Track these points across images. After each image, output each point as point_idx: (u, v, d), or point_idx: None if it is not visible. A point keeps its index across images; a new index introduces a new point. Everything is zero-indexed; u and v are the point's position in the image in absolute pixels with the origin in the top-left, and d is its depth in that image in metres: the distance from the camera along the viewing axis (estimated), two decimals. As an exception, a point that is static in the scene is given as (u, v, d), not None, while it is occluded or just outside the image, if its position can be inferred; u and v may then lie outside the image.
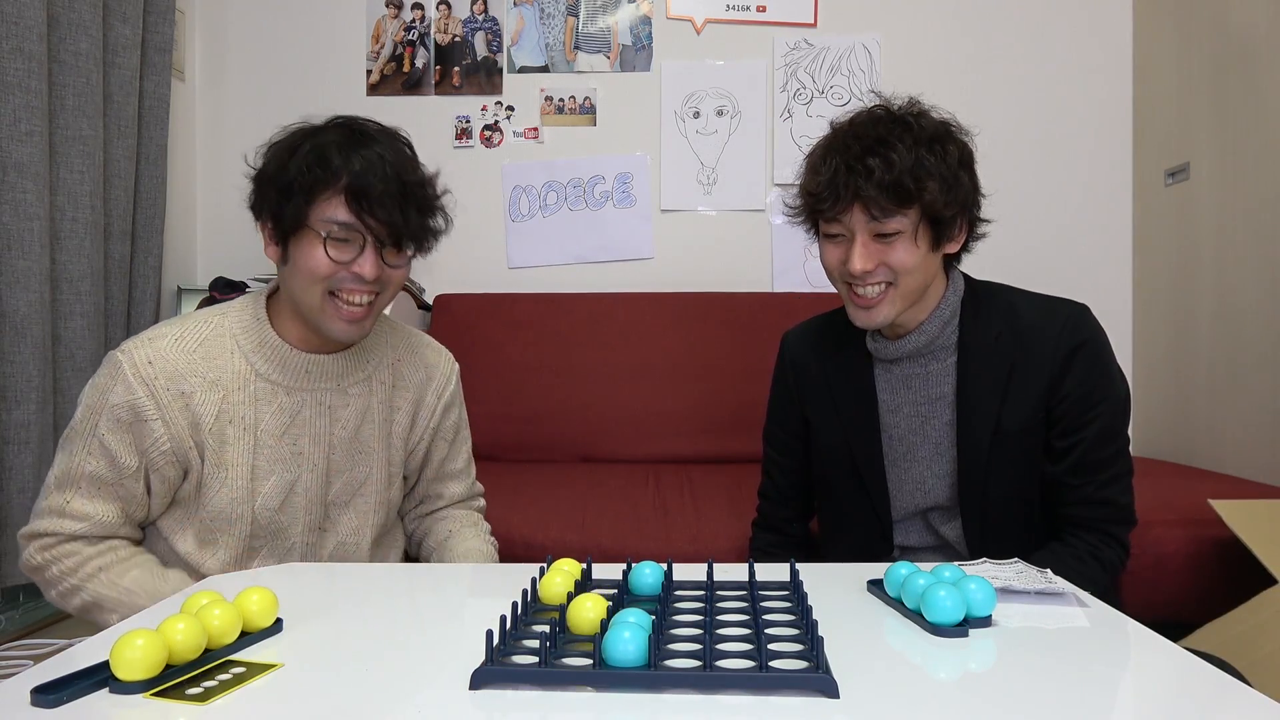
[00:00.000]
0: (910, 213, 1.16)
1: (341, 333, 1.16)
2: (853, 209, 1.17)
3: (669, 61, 2.79)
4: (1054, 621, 0.88)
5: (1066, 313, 1.24)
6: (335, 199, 1.11)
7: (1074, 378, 1.21)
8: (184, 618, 0.74)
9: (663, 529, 1.82)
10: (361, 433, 1.26)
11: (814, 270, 2.76)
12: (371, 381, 1.28)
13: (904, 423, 1.30)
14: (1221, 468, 2.24)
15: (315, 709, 0.67)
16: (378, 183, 1.10)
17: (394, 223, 1.12)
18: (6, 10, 1.86)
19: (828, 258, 1.25)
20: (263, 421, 1.19)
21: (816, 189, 1.19)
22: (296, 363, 1.20)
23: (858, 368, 1.33)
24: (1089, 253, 2.73)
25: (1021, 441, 1.24)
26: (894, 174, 1.13)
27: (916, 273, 1.19)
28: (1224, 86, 2.26)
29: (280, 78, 2.84)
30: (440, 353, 1.39)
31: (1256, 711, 0.66)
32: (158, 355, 1.14)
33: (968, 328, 1.26)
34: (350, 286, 1.14)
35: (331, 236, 1.11)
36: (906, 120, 1.18)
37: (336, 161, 1.10)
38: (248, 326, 1.20)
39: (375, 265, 1.13)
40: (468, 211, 2.85)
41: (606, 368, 2.53)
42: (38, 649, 1.92)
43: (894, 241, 1.17)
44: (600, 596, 0.82)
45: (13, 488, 1.90)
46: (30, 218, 1.91)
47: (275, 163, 1.14)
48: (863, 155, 1.15)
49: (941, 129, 1.20)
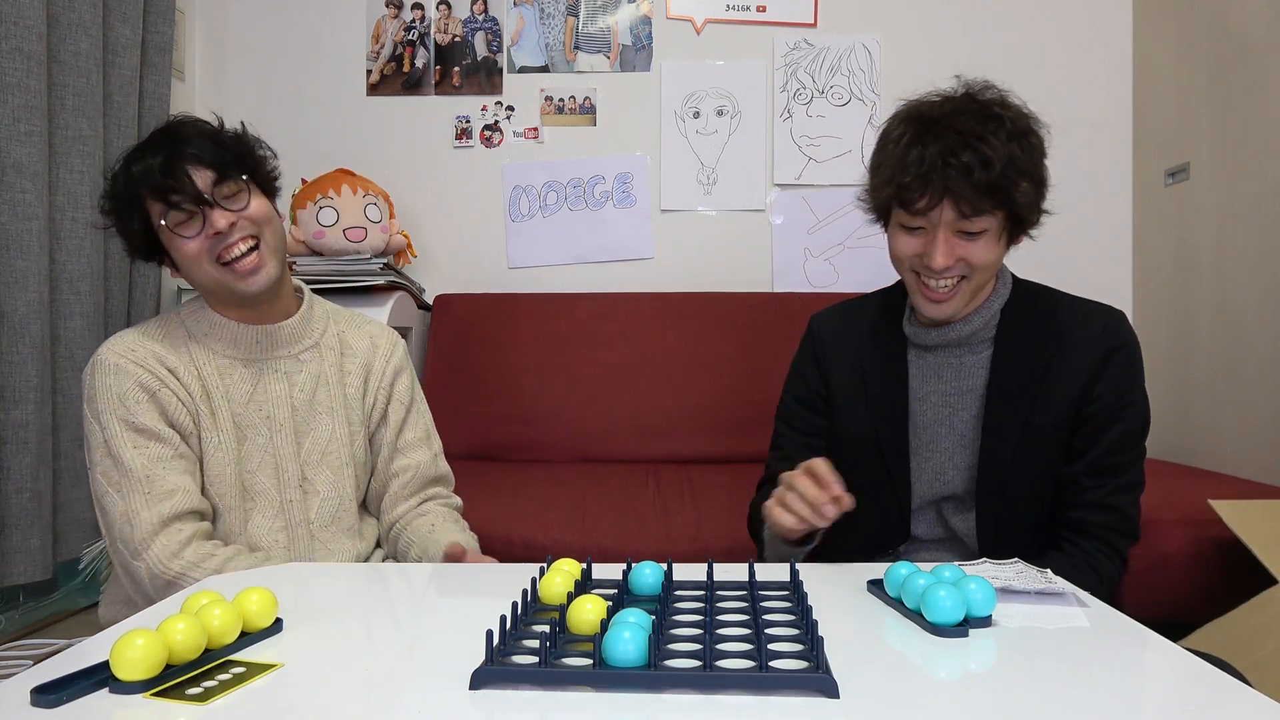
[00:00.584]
0: (999, 213, 1.15)
1: (249, 285, 1.23)
2: (942, 204, 1.13)
3: (669, 61, 2.79)
4: (1054, 622, 0.88)
5: (1105, 316, 1.25)
6: (147, 199, 1.21)
7: (1108, 380, 1.21)
8: (184, 618, 0.74)
9: (663, 529, 1.82)
10: (318, 395, 1.34)
11: (814, 270, 2.76)
12: (320, 348, 1.36)
13: (930, 411, 1.29)
14: (1221, 468, 2.24)
15: (315, 709, 0.67)
16: (153, 159, 1.19)
17: (188, 179, 1.19)
18: (6, 10, 1.86)
19: (902, 247, 1.21)
20: (231, 391, 1.28)
21: (906, 179, 1.14)
22: (246, 336, 1.30)
23: (892, 352, 1.32)
24: (1089, 253, 2.73)
25: (1047, 439, 1.23)
26: (991, 173, 1.10)
27: (991, 268, 1.20)
28: (1224, 86, 2.26)
29: (280, 78, 2.84)
30: (382, 328, 1.47)
31: (1256, 711, 0.66)
32: (133, 345, 1.24)
33: (1008, 323, 1.26)
34: (225, 247, 1.22)
35: (172, 222, 1.21)
36: (995, 113, 1.15)
37: (138, 164, 1.20)
38: (196, 315, 1.30)
39: (222, 215, 1.21)
40: (468, 211, 2.86)
41: (606, 368, 2.53)
42: (38, 649, 1.92)
43: (977, 239, 1.15)
44: (599, 597, 0.82)
45: (11, 488, 1.90)
46: (29, 218, 1.91)
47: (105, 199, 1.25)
48: (957, 149, 1.11)
49: (1026, 120, 1.17)
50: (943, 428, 1.29)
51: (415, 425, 1.44)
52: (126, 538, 1.17)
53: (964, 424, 1.28)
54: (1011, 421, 1.24)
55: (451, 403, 2.42)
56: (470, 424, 2.47)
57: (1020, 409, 1.23)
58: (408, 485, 1.41)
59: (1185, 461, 2.40)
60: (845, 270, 2.74)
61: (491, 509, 1.50)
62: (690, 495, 2.01)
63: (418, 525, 1.38)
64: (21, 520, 1.91)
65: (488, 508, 1.47)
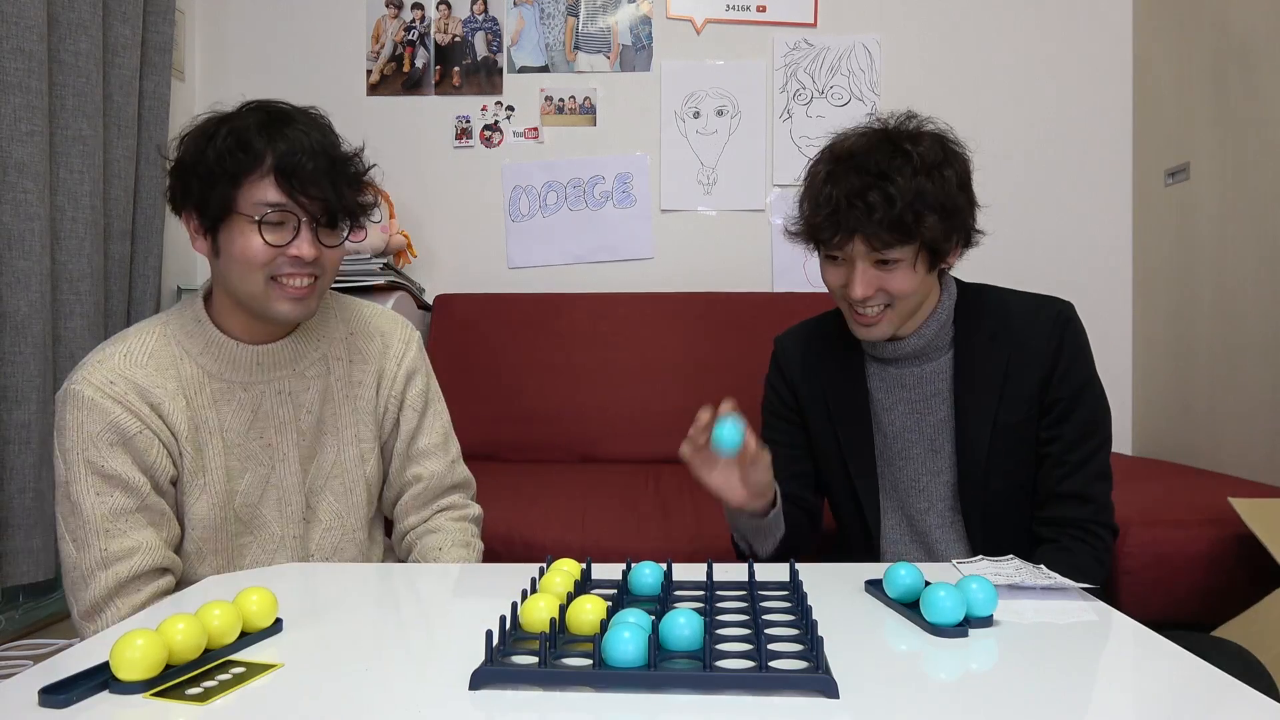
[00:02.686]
0: (910, 245, 1.18)
1: (289, 311, 1.14)
2: (853, 239, 1.18)
3: (669, 61, 2.79)
4: (1063, 617, 0.88)
5: (1053, 304, 1.29)
6: (263, 181, 1.09)
7: (1063, 366, 1.25)
8: (184, 618, 0.74)
9: (663, 529, 1.82)
10: (325, 414, 1.25)
11: (814, 270, 2.75)
12: (327, 360, 1.26)
13: (899, 420, 1.32)
14: (1221, 468, 2.24)
15: (315, 709, 0.67)
16: (305, 160, 1.09)
17: (326, 199, 1.11)
18: (6, 10, 1.86)
19: (829, 278, 1.27)
20: (226, 421, 1.17)
21: (818, 220, 1.20)
22: (246, 357, 1.18)
23: (851, 366, 1.35)
24: (1089, 253, 2.73)
25: (1018, 434, 1.26)
26: (895, 211, 1.14)
27: (914, 294, 1.22)
28: (1224, 86, 2.26)
29: (280, 78, 2.84)
30: (394, 320, 1.36)
31: (1256, 712, 0.66)
32: (116, 374, 1.11)
33: (962, 328, 1.29)
34: (289, 271, 1.12)
35: (265, 220, 1.09)
36: (905, 149, 1.18)
37: (259, 143, 1.08)
38: (190, 330, 1.17)
39: (313, 244, 1.12)
40: (468, 211, 2.86)
41: (606, 368, 2.53)
42: (38, 649, 1.92)
43: (894, 269, 1.19)
44: (599, 598, 0.82)
45: (13, 488, 1.90)
46: (30, 218, 1.91)
47: (193, 152, 1.12)
48: (863, 191, 1.15)
49: (938, 154, 1.19)
50: (913, 435, 1.31)
51: (430, 430, 1.35)
52: (80, 596, 1.08)
53: (933, 429, 1.30)
54: (981, 421, 1.27)
55: (451, 403, 2.39)
56: (470, 424, 2.46)
57: (988, 407, 1.26)
58: (420, 495, 1.33)
59: (1185, 461, 2.39)
60: (845, 270, 2.74)
61: (491, 509, 1.50)
62: (690, 495, 2.01)
63: (426, 544, 1.31)
64: (23, 520, 1.91)
65: (488, 508, 1.46)
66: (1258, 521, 1.54)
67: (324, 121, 1.18)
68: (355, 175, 1.16)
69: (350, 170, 1.16)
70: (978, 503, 1.28)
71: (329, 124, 1.18)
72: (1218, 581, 1.61)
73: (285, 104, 1.17)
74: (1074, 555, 1.22)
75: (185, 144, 1.14)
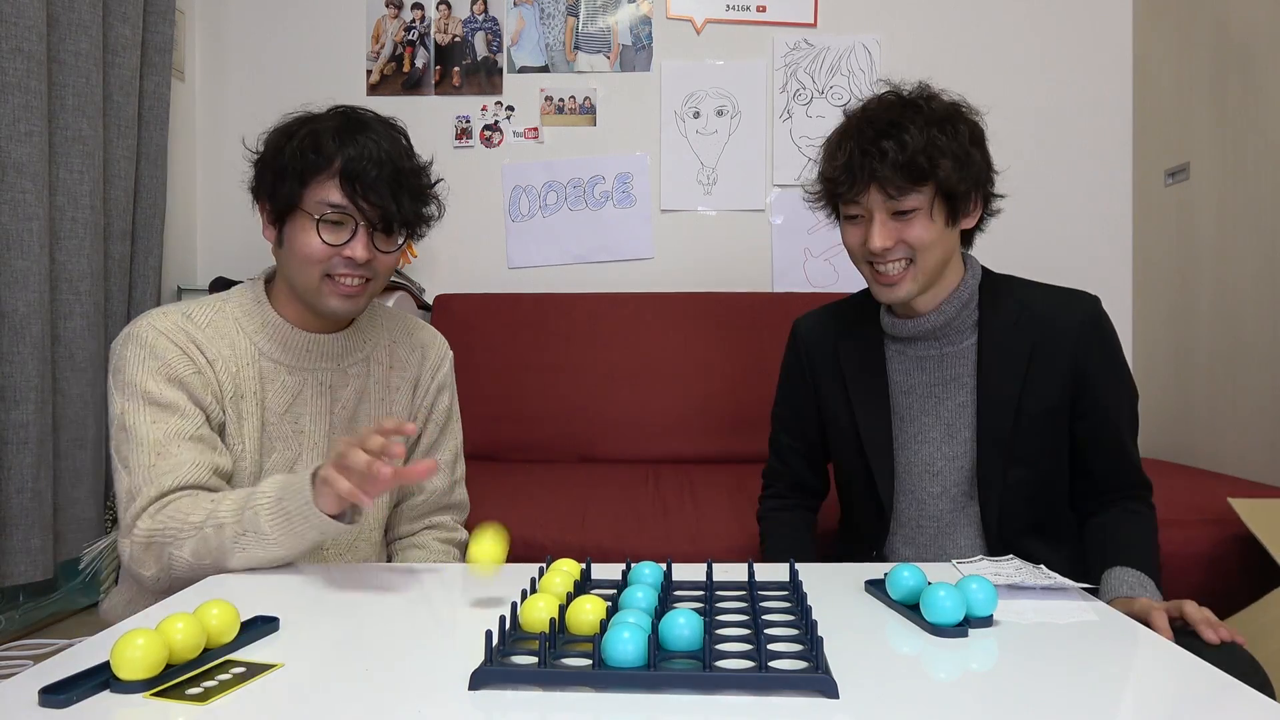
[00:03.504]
0: (925, 189, 1.20)
1: (338, 306, 1.19)
2: (869, 189, 1.21)
3: (669, 61, 2.79)
4: (1063, 616, 0.88)
5: (1080, 296, 1.31)
6: (329, 182, 1.15)
7: (1096, 353, 1.27)
8: (183, 617, 0.74)
9: (663, 529, 1.82)
10: (359, 413, 1.29)
11: (814, 270, 2.76)
12: (369, 362, 1.31)
13: (916, 404, 1.32)
14: (1221, 467, 2.24)
15: (315, 709, 0.67)
16: (370, 167, 1.14)
17: (385, 207, 1.16)
18: (6, 10, 1.86)
19: (849, 238, 1.28)
20: (268, 399, 1.22)
21: (834, 174, 1.24)
22: (298, 342, 1.24)
23: (870, 347, 1.36)
24: (1089, 252, 2.73)
25: (1043, 424, 1.27)
26: (907, 154, 1.18)
27: (935, 248, 1.23)
28: (1224, 86, 2.26)
29: (280, 78, 2.84)
30: (434, 335, 1.42)
31: (1256, 712, 0.66)
32: (177, 325, 1.18)
33: (987, 312, 1.30)
34: (343, 270, 1.17)
35: (324, 219, 1.15)
36: (917, 103, 1.23)
37: (331, 147, 1.15)
38: (249, 310, 1.24)
39: (366, 248, 1.17)
40: (468, 211, 2.86)
41: (606, 368, 2.53)
42: (38, 649, 1.92)
43: (911, 219, 1.21)
44: (598, 598, 0.82)
45: (12, 488, 1.90)
46: (30, 218, 1.91)
47: (273, 147, 1.19)
48: (876, 138, 1.19)
49: (952, 109, 1.25)
50: (929, 419, 1.31)
51: (444, 447, 1.40)
52: (126, 514, 1.10)
53: (951, 413, 1.30)
54: (1004, 408, 1.27)
55: (451, 403, 2.42)
56: (470, 424, 2.44)
57: (1012, 395, 1.27)
58: (417, 508, 1.37)
59: (1185, 461, 2.40)
60: (845, 270, 2.73)
61: (491, 509, 1.50)
62: (690, 495, 2.00)
63: (409, 556, 1.36)
64: (22, 520, 1.91)
65: (488, 508, 1.46)
66: (1257, 522, 1.54)
67: (399, 134, 1.22)
68: (417, 187, 1.20)
69: (414, 182, 1.20)
70: (995, 490, 1.28)
71: (404, 136, 1.22)
72: (1218, 581, 1.61)
73: (367, 112, 1.22)
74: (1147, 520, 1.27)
75: (269, 138, 1.20)
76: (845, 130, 1.25)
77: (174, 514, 1.08)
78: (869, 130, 1.21)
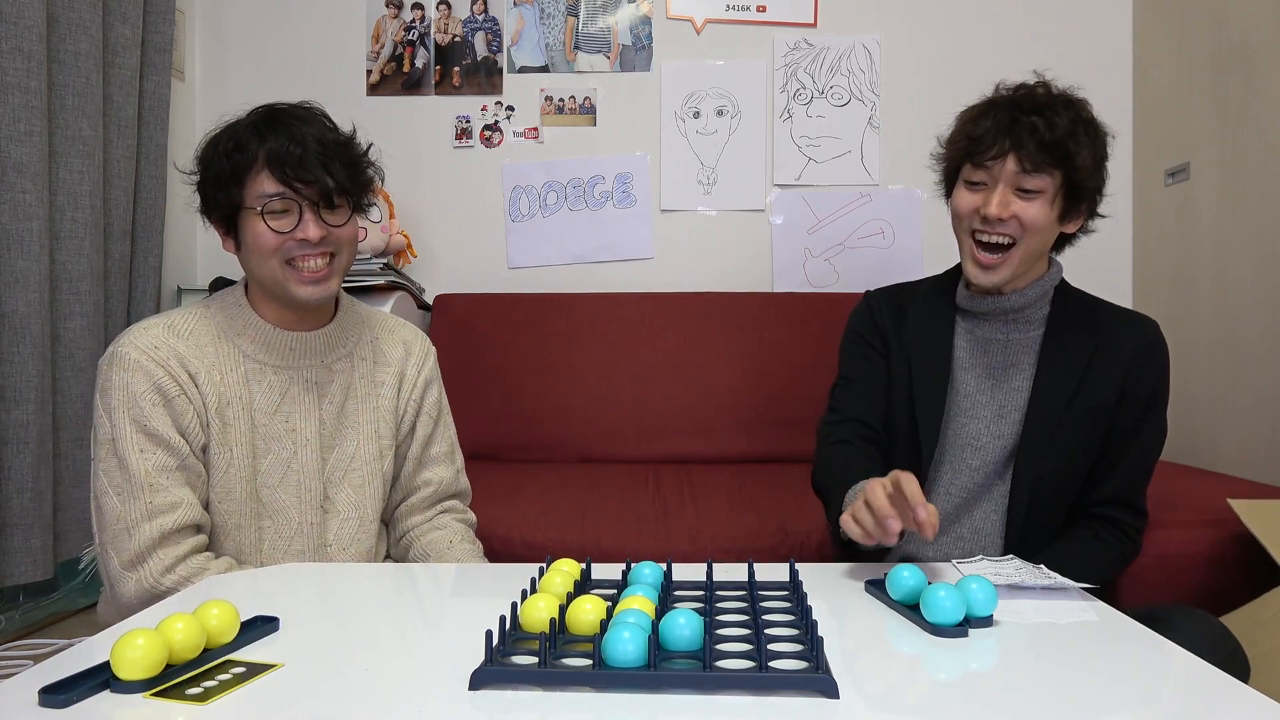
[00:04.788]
0: (1055, 175, 1.23)
1: (308, 294, 1.21)
2: (1006, 157, 1.23)
3: (669, 61, 2.79)
4: (1063, 617, 0.88)
5: (1145, 321, 1.35)
6: (261, 174, 1.18)
7: (1151, 372, 1.30)
8: (183, 617, 0.74)
9: (663, 529, 1.82)
10: (347, 407, 1.31)
11: (814, 270, 2.76)
12: (353, 358, 1.33)
13: (974, 381, 1.35)
14: (1220, 467, 2.24)
15: (315, 709, 0.67)
16: (294, 148, 1.17)
17: (321, 181, 1.18)
18: (6, 10, 1.86)
19: (963, 202, 1.29)
20: (256, 400, 1.24)
21: (977, 133, 1.25)
22: (280, 341, 1.26)
23: (940, 323, 1.38)
24: (1089, 252, 2.71)
25: (1088, 421, 1.30)
26: (1055, 134, 1.21)
27: (1041, 235, 1.26)
28: (1224, 86, 2.26)
29: (280, 78, 2.84)
30: (416, 332, 1.44)
31: (1256, 712, 0.66)
32: (159, 341, 1.20)
33: (1057, 308, 1.34)
34: (301, 254, 1.19)
35: (268, 210, 1.18)
36: (1069, 98, 1.28)
37: (253, 142, 1.18)
38: (230, 313, 1.26)
39: (317, 226, 1.19)
40: (468, 211, 2.86)
41: (606, 368, 2.53)
42: (38, 649, 1.92)
43: (1033, 199, 1.24)
44: (598, 598, 0.82)
45: (12, 488, 1.90)
46: (30, 218, 1.91)
47: (204, 161, 1.22)
48: (1029, 111, 1.23)
49: (1093, 115, 1.28)
50: (984, 396, 1.34)
51: (441, 439, 1.42)
52: (123, 546, 1.14)
53: (1005, 395, 1.34)
54: (1059, 396, 1.30)
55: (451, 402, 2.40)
56: (470, 424, 2.47)
57: (1069, 385, 1.30)
58: (427, 499, 1.39)
59: (1185, 461, 2.39)
60: (845, 270, 2.73)
61: (491, 509, 1.50)
62: (690, 495, 2.01)
63: (434, 539, 1.36)
64: (22, 520, 1.91)
65: (488, 508, 1.46)
66: (1257, 522, 1.54)
67: (317, 112, 1.24)
68: (348, 155, 1.22)
69: (345, 153, 1.22)
70: (1029, 473, 1.30)
71: (322, 113, 1.25)
72: (1217, 582, 1.61)
73: (282, 104, 1.24)
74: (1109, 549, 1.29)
75: (199, 155, 1.23)
76: (994, 101, 1.28)
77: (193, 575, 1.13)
78: (1024, 103, 1.24)
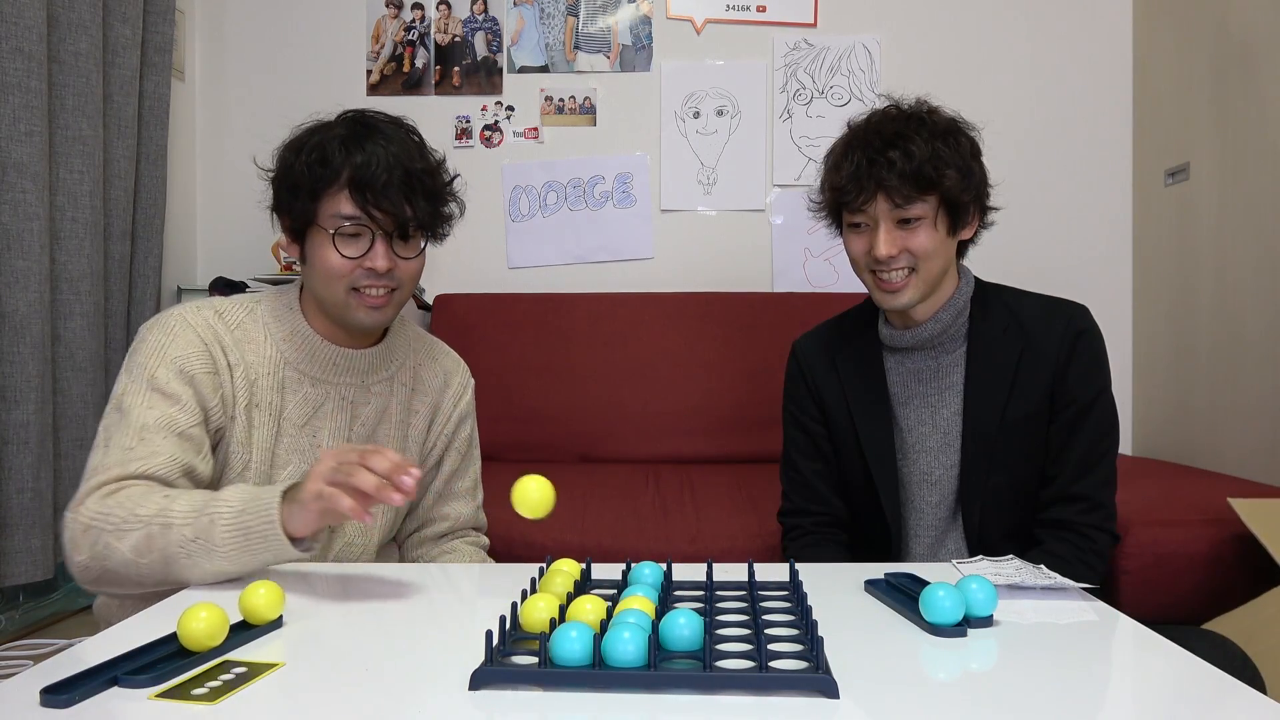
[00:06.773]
0: (930, 199, 1.23)
1: (366, 318, 1.17)
2: (876, 198, 1.23)
3: (669, 61, 2.79)
4: (1063, 617, 0.88)
5: (1068, 307, 1.32)
6: (340, 194, 1.12)
7: (1077, 366, 1.28)
8: (206, 606, 0.76)
9: (663, 529, 1.82)
10: (378, 432, 1.27)
11: (814, 270, 2.76)
12: (393, 382, 1.29)
13: (914, 414, 1.34)
14: (1221, 467, 2.24)
15: (315, 708, 0.67)
16: (380, 173, 1.11)
17: (399, 213, 1.13)
18: (6, 10, 1.86)
19: (853, 247, 1.30)
20: (286, 409, 1.20)
21: (840, 183, 1.26)
22: (325, 354, 1.22)
23: (869, 360, 1.37)
24: (1089, 253, 2.73)
25: (1026, 430, 1.28)
26: (914, 163, 1.20)
27: (936, 257, 1.25)
28: (1224, 86, 2.26)
29: (280, 78, 2.84)
30: (458, 363, 1.40)
31: (1256, 712, 0.66)
32: (208, 322, 1.16)
33: (977, 320, 1.32)
34: (368, 283, 1.15)
35: (340, 232, 1.13)
36: (920, 116, 1.26)
37: (338, 158, 1.12)
38: (280, 315, 1.22)
39: (387, 257, 1.14)
40: (468, 211, 2.84)
41: (606, 368, 2.53)
42: (38, 649, 1.92)
43: (916, 227, 1.23)
44: (599, 598, 0.82)
45: (12, 488, 1.90)
46: (30, 218, 1.91)
47: (283, 164, 1.17)
48: (884, 148, 1.22)
49: (952, 124, 1.27)
50: (926, 428, 1.33)
51: (466, 474, 1.38)
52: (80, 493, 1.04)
53: (946, 422, 1.32)
54: (990, 414, 1.29)
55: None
56: (470, 424, 2.47)
57: (998, 401, 1.29)
58: (442, 533, 1.36)
59: (1184, 461, 2.40)
60: (845, 270, 2.71)
61: (492, 508, 1.50)
62: (690, 495, 2.01)
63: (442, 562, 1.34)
64: (22, 520, 1.91)
65: (488, 508, 1.46)
66: (1257, 522, 1.54)
67: (410, 134, 1.18)
68: (432, 188, 1.17)
69: (428, 183, 1.16)
70: (976, 496, 1.29)
71: (416, 136, 1.19)
72: (1217, 581, 1.61)
73: (377, 115, 1.18)
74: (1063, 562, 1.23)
75: (280, 155, 1.18)
76: (850, 141, 1.27)
77: (123, 501, 1.02)
78: (876, 140, 1.23)
